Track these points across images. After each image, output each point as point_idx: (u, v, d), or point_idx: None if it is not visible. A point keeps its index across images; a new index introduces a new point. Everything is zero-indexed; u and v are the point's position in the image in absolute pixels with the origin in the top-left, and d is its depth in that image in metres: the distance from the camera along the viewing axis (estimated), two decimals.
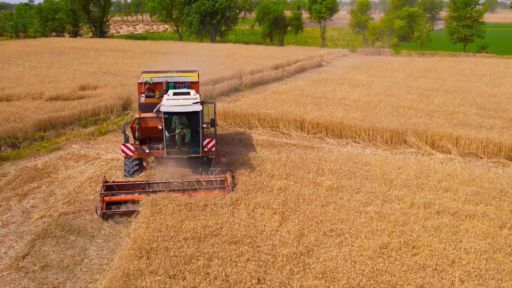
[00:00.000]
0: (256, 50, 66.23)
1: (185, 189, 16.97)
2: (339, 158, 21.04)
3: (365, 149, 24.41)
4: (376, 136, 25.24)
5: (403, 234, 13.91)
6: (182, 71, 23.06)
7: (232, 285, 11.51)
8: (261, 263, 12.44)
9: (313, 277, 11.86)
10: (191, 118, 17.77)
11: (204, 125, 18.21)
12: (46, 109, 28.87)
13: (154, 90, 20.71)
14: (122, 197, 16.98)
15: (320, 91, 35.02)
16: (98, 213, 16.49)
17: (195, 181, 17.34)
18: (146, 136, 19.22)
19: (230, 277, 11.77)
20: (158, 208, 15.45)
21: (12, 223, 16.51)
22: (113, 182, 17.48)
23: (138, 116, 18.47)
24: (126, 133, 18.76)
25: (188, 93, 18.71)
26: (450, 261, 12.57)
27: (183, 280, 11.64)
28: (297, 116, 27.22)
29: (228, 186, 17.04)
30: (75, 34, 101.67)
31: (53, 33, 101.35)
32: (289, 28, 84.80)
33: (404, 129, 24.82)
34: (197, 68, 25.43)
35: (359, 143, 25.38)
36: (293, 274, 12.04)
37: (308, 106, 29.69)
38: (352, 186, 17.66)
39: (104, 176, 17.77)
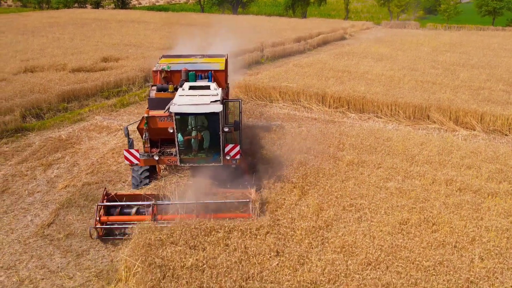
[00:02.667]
0: (278, 22, 65.38)
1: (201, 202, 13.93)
2: (360, 133, 20.89)
3: (387, 124, 24.14)
4: (398, 111, 24.90)
5: (424, 211, 13.84)
6: (207, 56, 19.71)
7: (251, 257, 11.66)
8: (280, 236, 12.56)
9: (331, 251, 11.94)
10: (211, 118, 14.34)
11: (226, 129, 14.34)
12: (69, 81, 29.15)
13: (171, 79, 17.29)
14: (123, 217, 14.17)
15: (342, 64, 34.56)
16: (93, 235, 13.76)
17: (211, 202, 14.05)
18: (158, 138, 15.54)
19: (249, 249, 11.91)
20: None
21: (38, 192, 16.92)
22: (116, 194, 14.57)
23: (146, 115, 14.96)
24: (131, 136, 15.66)
25: (208, 87, 15.17)
26: (470, 239, 12.48)
27: (203, 250, 11.84)
28: (319, 90, 26.98)
29: (253, 207, 13.79)
30: (97, 5, 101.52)
31: (76, 4, 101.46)
32: (312, 0, 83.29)
33: (428, 104, 24.41)
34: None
35: (381, 118, 25.10)
36: (312, 248, 12.14)
37: (330, 80, 29.37)
38: (373, 161, 17.56)
39: (105, 188, 14.74)
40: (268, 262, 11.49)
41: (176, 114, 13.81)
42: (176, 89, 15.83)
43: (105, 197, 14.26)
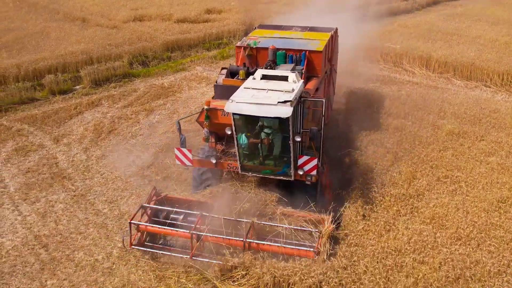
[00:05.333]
0: None
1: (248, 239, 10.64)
2: (464, 101, 19.73)
3: (496, 94, 22.39)
4: (511, 82, 22.99)
5: None
6: (310, 29, 15.93)
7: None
8: (368, 200, 12.43)
9: (420, 221, 11.65)
10: (281, 122, 10.86)
11: (298, 138, 10.95)
12: (173, 31, 30.24)
13: (257, 58, 14.22)
14: (165, 230, 11.59)
15: (452, 27, 32.30)
16: (125, 243, 11.60)
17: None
18: (223, 133, 11.89)
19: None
20: None
21: (140, 135, 18.07)
22: (166, 197, 12.33)
23: (206, 106, 12.19)
24: (183, 133, 12.41)
25: (286, 79, 11.67)
26: None
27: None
28: (424, 53, 25.58)
29: (318, 248, 10.33)
30: None
31: None
32: None
33: None
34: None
35: (489, 87, 23.31)
36: (400, 216, 11.92)
37: (437, 43, 27.67)
38: (476, 133, 16.57)
39: (154, 187, 12.50)
40: (353, 224, 11.47)
41: (234, 113, 10.93)
42: (249, 75, 12.45)
43: (153, 198, 12.21)
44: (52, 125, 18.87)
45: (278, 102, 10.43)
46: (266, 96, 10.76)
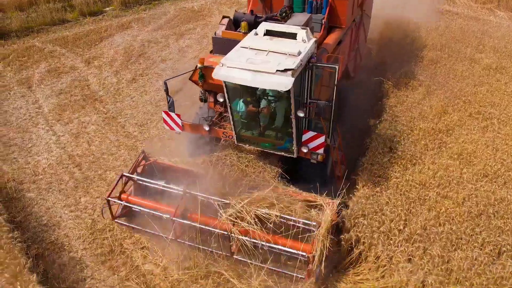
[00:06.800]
0: None
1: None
2: (506, 35, 18.81)
3: None
4: None
5: None
6: None
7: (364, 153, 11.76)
8: (396, 133, 12.32)
9: (447, 156, 11.54)
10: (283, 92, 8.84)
11: (301, 114, 9.06)
12: None
13: (272, 4, 12.19)
14: (148, 202, 10.14)
15: None
16: (104, 215, 10.55)
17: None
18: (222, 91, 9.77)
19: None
20: None
21: (169, 59, 18.06)
22: (155, 162, 10.87)
23: (200, 65, 10.37)
24: (170, 94, 10.86)
25: (294, 36, 9.54)
26: None
27: None
28: None
29: (314, 264, 8.57)
30: None
31: None
32: None
33: None
34: None
35: None
36: (427, 150, 11.82)
37: None
38: None
39: (143, 151, 11.06)
40: (379, 156, 11.47)
41: (224, 81, 9.02)
42: (256, 25, 10.29)
43: (142, 162, 10.86)
44: (83, 47, 18.98)
45: (277, 70, 8.35)
46: (265, 61, 8.70)
